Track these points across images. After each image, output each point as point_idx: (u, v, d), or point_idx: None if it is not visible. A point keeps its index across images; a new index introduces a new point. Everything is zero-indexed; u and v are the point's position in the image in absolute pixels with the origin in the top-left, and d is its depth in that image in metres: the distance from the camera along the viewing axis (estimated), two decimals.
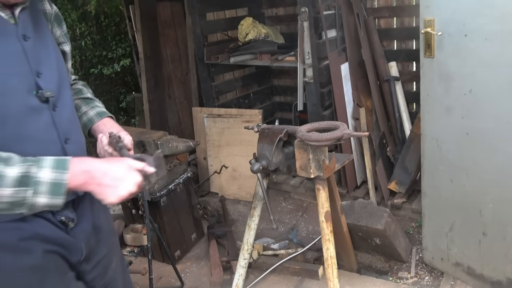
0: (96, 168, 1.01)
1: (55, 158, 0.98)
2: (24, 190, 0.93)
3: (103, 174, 1.00)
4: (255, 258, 2.58)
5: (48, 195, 0.95)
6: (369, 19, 3.15)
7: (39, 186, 0.94)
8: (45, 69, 1.12)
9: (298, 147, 1.77)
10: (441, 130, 2.08)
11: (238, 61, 3.52)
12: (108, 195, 1.01)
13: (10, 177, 0.92)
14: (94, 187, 1.00)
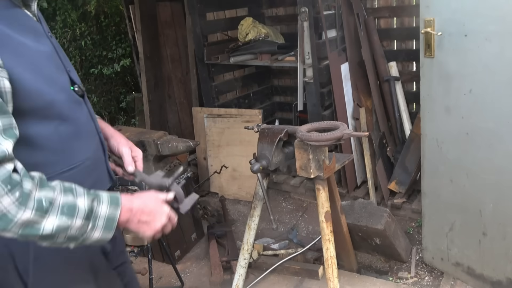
0: (135, 205, 1.02)
1: (109, 193, 1.00)
2: (87, 223, 0.94)
3: (141, 212, 1.02)
4: (255, 258, 2.58)
5: (102, 230, 0.96)
6: (369, 19, 3.15)
7: (97, 220, 0.95)
8: (68, 64, 1.14)
9: (298, 147, 1.77)
10: (441, 130, 2.08)
11: (238, 61, 3.52)
12: (146, 230, 1.04)
13: (82, 209, 0.93)
14: (134, 225, 1.03)
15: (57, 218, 0.89)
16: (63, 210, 0.90)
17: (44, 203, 0.88)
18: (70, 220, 0.91)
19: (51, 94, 1.01)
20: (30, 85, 0.96)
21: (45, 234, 0.89)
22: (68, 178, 1.01)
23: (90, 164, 1.13)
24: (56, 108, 1.03)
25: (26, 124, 0.97)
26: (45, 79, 1.01)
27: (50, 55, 1.06)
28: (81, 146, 1.09)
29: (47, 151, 1.02)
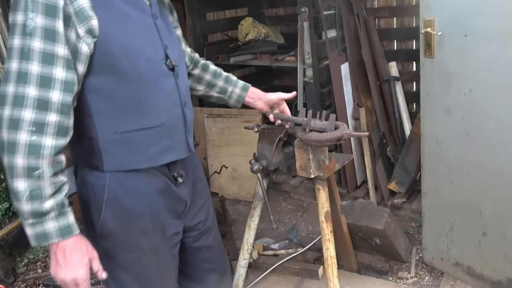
0: (66, 243, 1.08)
1: (72, 224, 1.09)
2: (32, 216, 1.04)
3: (62, 251, 1.08)
4: (255, 258, 2.58)
5: (34, 236, 1.05)
6: (369, 19, 3.15)
7: (36, 226, 1.05)
8: (170, 43, 1.28)
9: (298, 147, 1.77)
10: (441, 130, 2.08)
11: (238, 61, 3.52)
12: (52, 268, 1.10)
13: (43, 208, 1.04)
14: (51, 254, 1.10)
15: (24, 188, 1.02)
16: (33, 191, 1.02)
17: (35, 172, 1.02)
18: (26, 200, 1.02)
19: (135, 59, 1.16)
20: (118, 48, 1.12)
21: (12, 186, 1.03)
22: (140, 136, 1.19)
23: (165, 129, 1.25)
24: (137, 72, 1.16)
25: (111, 81, 1.14)
26: (134, 46, 1.16)
27: (147, 30, 1.22)
28: (158, 111, 1.22)
29: (125, 108, 1.17)
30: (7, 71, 1.02)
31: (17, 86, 1.01)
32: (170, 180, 1.31)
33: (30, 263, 3.13)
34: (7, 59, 1.03)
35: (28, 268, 3.07)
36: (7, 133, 1.01)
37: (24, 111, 1.01)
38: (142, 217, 1.25)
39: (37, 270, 3.02)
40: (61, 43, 1.05)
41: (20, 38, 1.02)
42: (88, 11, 1.07)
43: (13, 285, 2.88)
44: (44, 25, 1.02)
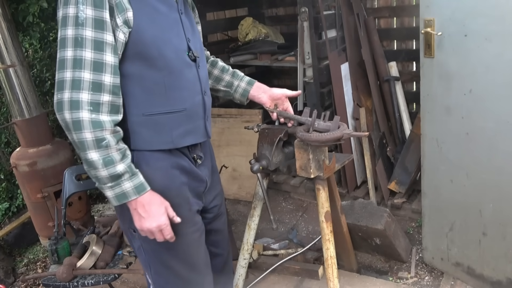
0: (143, 198, 1.24)
1: (143, 181, 1.24)
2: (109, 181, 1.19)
3: (141, 205, 1.24)
4: (255, 258, 2.58)
5: (114, 196, 1.21)
6: (369, 19, 3.15)
7: (115, 187, 1.20)
8: (192, 37, 1.40)
9: (298, 147, 1.77)
10: (441, 130, 2.08)
11: (238, 61, 3.52)
12: (136, 220, 1.27)
13: (116, 170, 1.18)
14: (132, 210, 1.25)
15: (97, 157, 1.16)
16: (105, 159, 1.17)
17: (103, 142, 1.16)
18: (102, 167, 1.16)
19: (164, 49, 1.27)
20: (149, 38, 1.24)
21: (86, 158, 1.16)
22: (166, 119, 1.31)
23: (187, 114, 1.36)
24: (165, 61, 1.28)
25: (142, 68, 1.26)
26: (162, 37, 1.27)
27: (174, 23, 1.33)
28: (182, 97, 1.34)
29: (154, 93, 1.28)
30: (63, 59, 1.14)
31: (74, 71, 1.13)
32: (191, 161, 1.42)
33: (30, 263, 3.13)
34: (60, 48, 1.15)
35: (28, 268, 3.08)
36: (70, 113, 1.14)
37: (82, 93, 1.14)
38: (168, 190, 1.34)
39: (37, 270, 3.02)
40: (109, 31, 1.17)
41: (73, 29, 1.14)
42: (126, 3, 1.19)
43: (13, 285, 2.88)
44: (93, 16, 1.15)
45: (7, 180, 3.64)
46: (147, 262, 1.44)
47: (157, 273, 1.45)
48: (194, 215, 1.45)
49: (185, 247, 1.43)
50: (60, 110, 1.15)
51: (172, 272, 1.44)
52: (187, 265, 1.45)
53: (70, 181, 2.32)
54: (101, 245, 2.12)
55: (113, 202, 1.22)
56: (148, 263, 1.44)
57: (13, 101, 2.90)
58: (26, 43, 3.87)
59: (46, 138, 3.02)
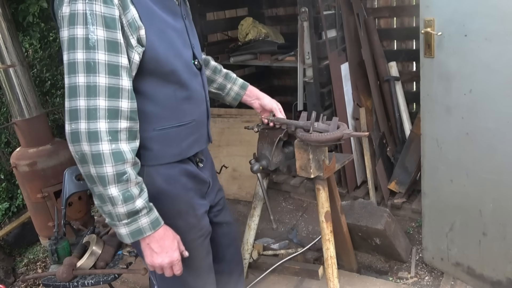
0: (157, 233, 1.21)
1: (158, 216, 1.20)
2: (126, 217, 1.14)
3: (155, 240, 1.20)
4: (255, 258, 2.58)
5: (128, 233, 1.16)
6: (369, 19, 3.15)
7: (133, 223, 1.15)
8: (194, 41, 1.38)
9: (298, 147, 1.77)
10: (441, 130, 2.08)
11: (238, 61, 3.52)
12: (147, 256, 1.23)
13: (134, 206, 1.13)
14: (144, 244, 1.21)
15: (117, 193, 1.10)
16: (124, 194, 1.11)
17: (124, 177, 1.10)
18: (121, 203, 1.11)
19: (176, 64, 1.24)
20: (162, 55, 1.19)
21: (106, 194, 1.10)
22: (176, 132, 1.29)
23: (195, 125, 1.36)
24: (177, 76, 1.25)
25: (153, 84, 1.22)
26: (174, 52, 1.24)
27: (181, 33, 1.30)
28: (191, 109, 1.33)
29: (165, 108, 1.25)
30: (74, 85, 1.06)
31: (88, 100, 1.05)
32: (195, 165, 1.43)
33: (30, 263, 3.13)
34: (70, 73, 1.06)
35: (28, 268, 3.08)
36: (89, 146, 1.06)
37: (99, 123, 1.06)
38: (177, 199, 1.34)
39: (37, 270, 3.02)
40: (123, 53, 1.10)
41: (84, 52, 1.05)
42: (138, 21, 1.13)
43: (13, 285, 2.88)
44: (106, 37, 1.07)
45: (7, 180, 3.64)
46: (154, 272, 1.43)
47: (162, 279, 1.43)
48: (200, 220, 1.45)
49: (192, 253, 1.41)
50: (77, 141, 1.07)
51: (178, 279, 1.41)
52: (192, 270, 1.45)
53: (70, 181, 2.32)
54: (101, 245, 2.12)
55: (126, 240, 1.16)
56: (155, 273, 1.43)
57: (13, 101, 2.90)
58: (26, 43, 3.87)
59: (46, 138, 3.02)
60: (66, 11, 1.06)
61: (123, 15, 1.10)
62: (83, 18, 1.04)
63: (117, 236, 1.18)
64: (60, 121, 3.97)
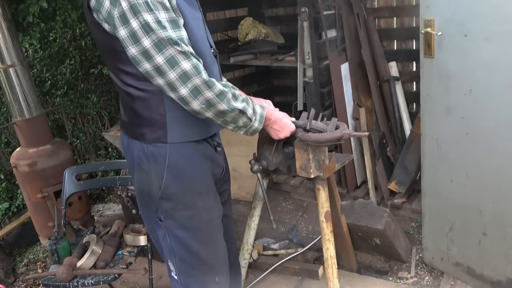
0: (274, 116, 1.54)
1: (252, 101, 1.44)
2: (253, 114, 1.42)
3: (274, 122, 1.54)
4: (255, 258, 2.58)
5: (258, 122, 1.44)
6: (369, 19, 3.15)
7: (257, 114, 1.43)
8: (208, 32, 1.50)
9: (298, 147, 1.77)
10: (441, 130, 2.08)
11: (238, 61, 3.52)
12: (273, 135, 1.57)
13: (251, 104, 1.41)
14: (268, 128, 1.55)
15: (242, 103, 1.37)
16: (244, 99, 1.38)
17: (236, 93, 1.37)
18: (248, 107, 1.39)
19: (202, 47, 1.38)
20: (194, 38, 1.33)
21: (239, 108, 1.36)
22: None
23: None
24: (204, 59, 1.35)
25: None
26: (200, 37, 1.39)
27: (201, 23, 1.44)
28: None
29: None
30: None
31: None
32: (213, 148, 1.54)
33: (30, 263, 3.13)
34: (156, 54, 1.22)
35: (28, 268, 3.07)
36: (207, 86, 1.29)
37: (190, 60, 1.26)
38: (197, 179, 1.45)
39: (37, 270, 3.02)
40: (183, 28, 1.28)
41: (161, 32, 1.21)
42: (179, 7, 1.29)
43: (13, 285, 2.88)
44: (168, 18, 1.24)
45: (7, 180, 3.63)
46: (172, 249, 1.50)
47: (181, 260, 1.51)
48: (218, 201, 1.56)
49: (211, 232, 1.52)
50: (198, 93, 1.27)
51: (197, 257, 1.50)
52: (211, 250, 1.53)
53: (70, 181, 2.32)
54: (101, 245, 2.12)
55: (260, 127, 1.44)
56: (173, 250, 1.50)
57: (13, 101, 2.90)
58: (26, 43, 3.86)
59: (46, 138, 3.02)
60: (125, 5, 1.19)
61: (170, 0, 1.25)
62: (146, 6, 1.20)
63: (250, 132, 1.47)
64: (60, 121, 3.97)
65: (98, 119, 4.03)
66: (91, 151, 4.04)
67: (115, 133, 3.09)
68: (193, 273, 1.53)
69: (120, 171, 2.78)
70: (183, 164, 1.41)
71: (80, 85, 3.92)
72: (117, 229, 2.29)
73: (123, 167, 2.51)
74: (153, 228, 1.53)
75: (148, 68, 1.25)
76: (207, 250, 1.52)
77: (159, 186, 1.41)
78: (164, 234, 1.48)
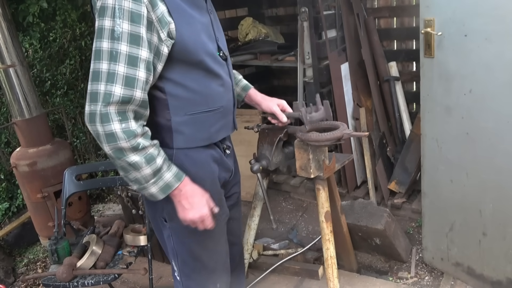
0: (185, 189, 1.31)
1: (178, 169, 1.30)
2: (152, 177, 1.25)
3: (185, 197, 1.31)
4: (255, 258, 2.58)
5: (158, 189, 1.27)
6: (369, 19, 3.15)
7: (159, 180, 1.26)
8: (219, 35, 1.47)
9: (298, 147, 1.77)
10: (441, 130, 2.08)
11: (238, 61, 3.52)
12: (180, 211, 1.33)
13: (156, 164, 1.24)
14: (176, 202, 1.32)
15: (140, 158, 1.21)
16: (146, 156, 1.22)
17: (140, 146, 1.21)
18: (146, 165, 1.22)
19: (202, 55, 1.33)
20: (190, 47, 1.29)
21: (128, 161, 1.20)
22: (206, 117, 1.39)
23: (223, 111, 1.44)
24: (204, 66, 1.34)
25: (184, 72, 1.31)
26: (200, 45, 1.33)
27: (207, 27, 1.39)
28: (219, 95, 1.42)
29: (196, 94, 1.34)
30: (98, 71, 1.17)
31: (106, 84, 1.16)
32: (222, 151, 1.50)
33: (30, 263, 3.13)
34: (95, 60, 1.17)
35: (28, 268, 3.07)
36: (102, 126, 1.18)
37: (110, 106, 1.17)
38: (203, 183, 1.39)
39: (37, 270, 3.02)
40: (144, 47, 1.19)
41: (109, 42, 1.16)
42: (167, 17, 1.22)
43: (13, 285, 2.88)
44: (129, 30, 1.17)
45: (7, 180, 3.64)
46: (175, 251, 1.49)
47: (184, 263, 1.50)
48: (223, 205, 1.52)
49: (214, 237, 1.50)
50: (93, 122, 1.17)
51: (199, 262, 1.50)
52: (213, 255, 1.52)
53: (70, 181, 2.32)
54: (101, 245, 2.12)
55: (159, 196, 1.28)
56: (176, 252, 1.49)
57: (13, 101, 2.90)
58: (26, 43, 3.87)
59: (46, 138, 3.02)
60: (99, 4, 1.18)
61: (152, 12, 1.19)
62: (112, 11, 1.15)
63: (149, 198, 1.30)
64: (60, 121, 3.97)
65: None
66: (91, 151, 4.04)
67: None
68: (194, 277, 1.52)
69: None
70: (189, 168, 1.38)
71: (80, 85, 3.92)
72: (117, 229, 2.29)
73: None
74: (159, 227, 1.53)
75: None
76: (209, 255, 1.51)
77: None
78: (169, 235, 1.48)
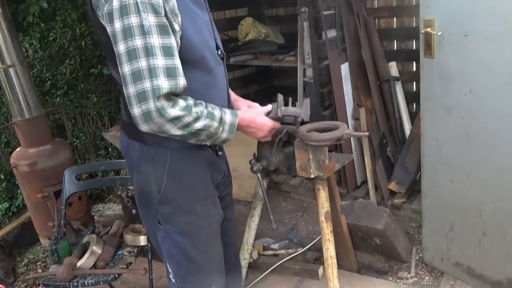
0: (246, 118, 1.41)
1: (230, 109, 1.37)
2: (219, 126, 1.30)
3: (248, 124, 1.41)
4: (255, 258, 2.58)
5: (227, 132, 1.33)
6: (369, 19, 3.15)
7: (225, 125, 1.32)
8: (216, 33, 1.47)
9: (298, 147, 1.77)
10: (441, 130, 2.08)
11: (238, 61, 3.52)
12: (252, 137, 1.47)
13: (217, 115, 1.29)
14: (244, 131, 1.44)
15: (204, 120, 1.26)
16: (207, 116, 1.27)
17: (197, 114, 1.24)
18: (211, 121, 1.27)
19: (204, 51, 1.34)
20: (194, 42, 1.29)
21: (198, 128, 1.25)
22: None
23: None
24: (206, 62, 1.35)
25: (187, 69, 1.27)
26: (203, 40, 1.34)
27: (207, 24, 1.40)
28: (216, 95, 1.42)
29: (192, 93, 1.31)
30: (138, 70, 1.15)
31: (152, 80, 1.16)
32: (214, 153, 1.50)
33: (30, 263, 3.13)
34: (131, 60, 1.15)
35: (28, 268, 3.08)
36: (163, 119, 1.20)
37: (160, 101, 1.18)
38: (196, 184, 1.43)
39: (37, 270, 3.02)
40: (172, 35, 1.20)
41: (141, 38, 1.14)
42: (177, 10, 1.22)
43: (13, 285, 2.88)
44: (156, 22, 1.16)
45: (7, 180, 3.63)
46: (169, 253, 1.49)
47: (178, 265, 1.50)
48: (217, 206, 1.53)
49: (208, 239, 1.50)
50: (149, 120, 1.19)
51: (194, 264, 1.50)
52: (208, 257, 1.52)
53: (70, 181, 2.32)
54: (101, 245, 2.12)
55: (230, 137, 1.34)
56: (171, 254, 1.49)
57: (13, 101, 2.90)
58: (26, 43, 3.87)
59: (46, 138, 3.02)
60: (116, 4, 1.13)
61: (165, 2, 1.18)
62: (135, 7, 1.13)
63: (221, 144, 1.40)
64: (60, 121, 3.97)
65: (98, 119, 4.03)
66: (91, 151, 4.04)
67: (115, 133, 3.09)
68: (190, 279, 1.52)
69: (120, 171, 2.78)
70: (184, 169, 1.39)
71: (80, 85, 3.92)
72: (117, 229, 2.29)
73: (123, 167, 2.51)
74: (153, 230, 1.52)
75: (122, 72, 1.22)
76: (204, 257, 1.51)
77: (158, 190, 1.40)
78: (163, 238, 1.48)
